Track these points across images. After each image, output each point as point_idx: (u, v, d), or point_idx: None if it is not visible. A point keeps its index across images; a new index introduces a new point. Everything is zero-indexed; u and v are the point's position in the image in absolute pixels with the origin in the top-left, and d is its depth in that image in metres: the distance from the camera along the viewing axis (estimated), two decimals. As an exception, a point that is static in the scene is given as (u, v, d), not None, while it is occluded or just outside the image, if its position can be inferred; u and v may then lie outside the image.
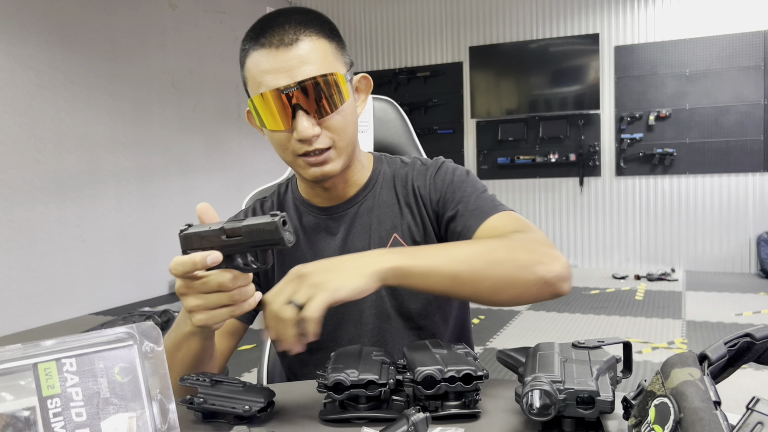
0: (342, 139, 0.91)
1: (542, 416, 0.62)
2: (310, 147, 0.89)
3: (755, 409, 0.47)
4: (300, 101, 0.86)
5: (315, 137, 0.88)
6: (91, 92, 4.75)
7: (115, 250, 4.95)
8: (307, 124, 0.86)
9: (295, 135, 0.88)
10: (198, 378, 0.75)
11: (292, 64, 0.85)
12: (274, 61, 0.86)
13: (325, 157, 0.90)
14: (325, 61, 0.87)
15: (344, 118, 0.90)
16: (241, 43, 0.93)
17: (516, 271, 0.80)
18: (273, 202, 1.06)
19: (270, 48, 0.86)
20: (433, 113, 6.51)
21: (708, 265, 5.69)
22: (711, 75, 5.51)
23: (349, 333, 0.99)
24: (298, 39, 0.86)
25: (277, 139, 0.91)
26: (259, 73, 0.87)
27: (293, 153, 0.91)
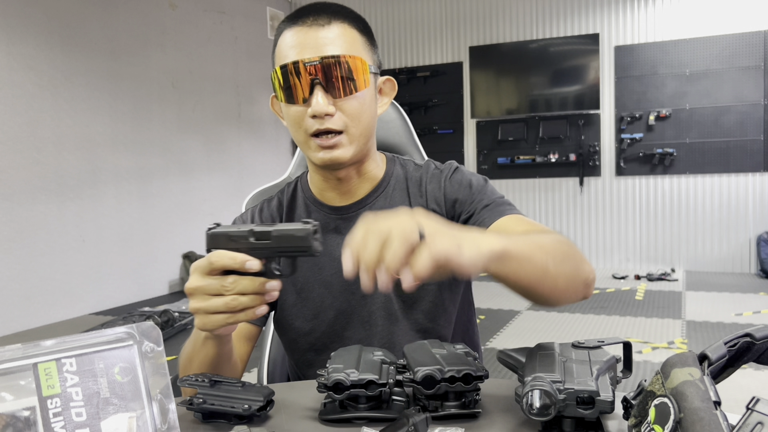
0: (355, 126, 0.90)
1: (542, 416, 0.62)
2: (322, 126, 0.88)
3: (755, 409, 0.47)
4: (319, 76, 0.87)
5: (328, 116, 0.88)
6: (91, 92, 4.75)
7: (115, 250, 4.95)
8: (322, 100, 0.87)
9: (309, 110, 0.88)
10: (198, 378, 0.75)
11: (320, 42, 0.88)
12: (303, 37, 0.89)
13: (336, 141, 0.90)
14: (351, 47, 0.89)
15: (361, 106, 0.90)
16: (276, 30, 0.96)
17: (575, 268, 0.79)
18: (281, 201, 1.05)
19: (302, 26, 0.89)
20: (433, 113, 6.51)
21: (708, 265, 5.69)
22: (711, 75, 5.51)
23: (358, 334, 0.99)
24: (331, 23, 0.89)
25: (293, 114, 0.91)
26: (286, 47, 0.90)
27: (306, 132, 0.90)
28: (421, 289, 0.98)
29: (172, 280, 5.54)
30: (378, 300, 0.98)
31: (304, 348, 1.01)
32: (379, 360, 0.77)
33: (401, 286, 0.94)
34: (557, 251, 0.77)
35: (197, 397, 0.72)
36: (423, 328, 0.99)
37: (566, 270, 0.78)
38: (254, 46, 6.53)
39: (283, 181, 1.24)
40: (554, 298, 0.79)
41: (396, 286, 0.98)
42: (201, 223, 5.84)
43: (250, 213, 1.05)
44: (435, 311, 0.99)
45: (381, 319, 0.98)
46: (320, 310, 0.99)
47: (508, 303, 4.59)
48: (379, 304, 0.98)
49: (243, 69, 6.37)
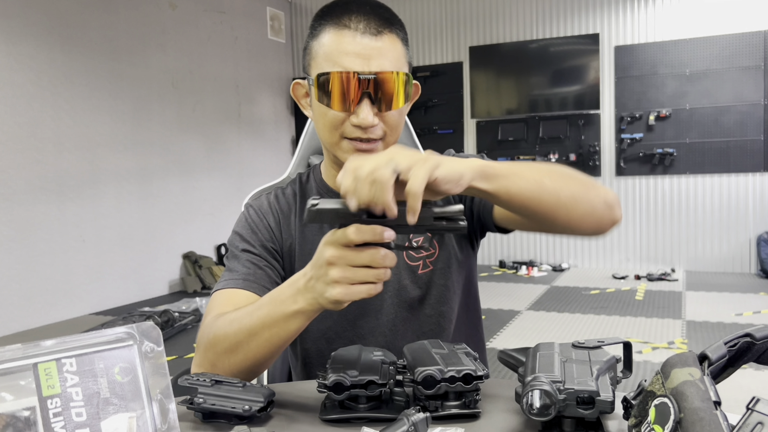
0: (392, 136, 0.94)
1: (542, 416, 0.62)
2: (364, 135, 0.90)
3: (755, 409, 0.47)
4: (370, 89, 0.88)
5: (372, 127, 0.90)
6: (91, 92, 4.75)
7: (115, 250, 4.95)
8: (369, 112, 0.88)
9: (354, 119, 0.89)
10: (198, 378, 0.75)
11: (371, 53, 0.88)
12: (356, 45, 0.88)
13: (373, 146, 0.92)
14: (399, 60, 0.91)
15: (400, 117, 0.94)
16: (314, 18, 0.94)
17: (583, 187, 0.83)
18: (294, 190, 1.06)
19: (355, 31, 0.88)
20: (433, 113, 6.51)
21: (708, 265, 5.69)
22: (711, 75, 5.51)
23: (370, 323, 1.00)
24: (382, 32, 0.89)
25: (331, 118, 0.91)
26: (335, 51, 0.89)
27: (342, 135, 0.92)
28: (433, 274, 1.01)
29: (172, 280, 5.54)
30: (391, 287, 1.00)
31: (316, 336, 1.01)
32: (379, 360, 0.77)
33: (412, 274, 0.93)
34: (556, 170, 0.82)
35: (197, 397, 0.72)
36: (436, 312, 1.01)
37: (569, 186, 0.81)
38: (254, 46, 6.53)
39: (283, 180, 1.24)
40: (565, 217, 0.81)
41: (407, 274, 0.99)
42: (201, 223, 5.84)
43: (265, 199, 1.05)
44: (446, 294, 1.02)
45: (394, 307, 1.00)
46: None
47: (508, 303, 4.59)
48: (392, 292, 1.00)
49: (243, 69, 6.37)
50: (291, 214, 1.04)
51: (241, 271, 0.95)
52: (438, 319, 1.01)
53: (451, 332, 1.04)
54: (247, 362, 0.82)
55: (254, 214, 1.03)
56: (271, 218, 1.03)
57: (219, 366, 0.84)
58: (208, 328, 0.86)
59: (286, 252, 1.02)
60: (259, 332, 0.80)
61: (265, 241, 1.00)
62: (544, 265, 6.06)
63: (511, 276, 5.80)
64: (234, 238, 1.01)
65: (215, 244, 6.01)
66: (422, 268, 1.01)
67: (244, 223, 1.02)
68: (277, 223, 1.03)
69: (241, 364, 0.82)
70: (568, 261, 6.16)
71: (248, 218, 1.02)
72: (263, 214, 1.03)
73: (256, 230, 1.01)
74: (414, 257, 1.01)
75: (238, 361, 0.82)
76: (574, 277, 5.59)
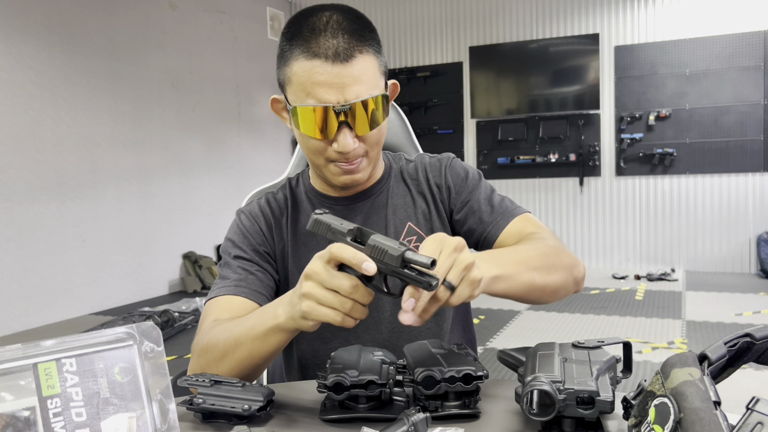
0: (374, 150, 0.95)
1: (542, 416, 0.62)
2: (347, 160, 0.92)
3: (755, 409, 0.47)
4: (347, 119, 0.88)
5: (354, 150, 0.91)
6: (91, 92, 4.75)
7: (115, 250, 4.95)
8: (350, 140, 0.89)
9: (335, 147, 0.90)
10: (198, 378, 0.75)
11: (345, 82, 0.86)
12: (327, 75, 0.86)
13: (356, 166, 0.94)
14: (374, 80, 0.90)
15: (380, 132, 0.95)
16: (282, 38, 0.92)
17: (564, 275, 0.90)
18: (285, 195, 1.07)
19: (324, 60, 0.86)
20: (433, 113, 6.51)
21: (708, 265, 5.69)
22: (711, 75, 5.51)
23: (365, 322, 1.00)
24: (353, 56, 0.87)
25: (315, 145, 0.92)
26: (309, 83, 0.87)
27: (327, 159, 0.93)
28: None
29: (172, 280, 5.54)
30: None
31: (311, 336, 1.01)
32: (379, 360, 0.77)
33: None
34: (544, 265, 0.87)
35: (197, 397, 0.72)
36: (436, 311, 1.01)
37: (553, 279, 0.88)
38: (254, 46, 6.53)
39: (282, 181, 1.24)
40: (544, 301, 0.91)
41: None
42: (201, 223, 5.84)
43: (257, 204, 1.06)
44: None
45: (389, 305, 1.01)
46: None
47: (508, 303, 4.59)
48: None
49: (243, 69, 6.37)
50: (282, 218, 1.05)
51: (232, 278, 0.96)
52: (435, 317, 1.02)
53: (447, 331, 1.04)
54: (234, 371, 0.83)
55: (246, 220, 1.03)
56: (262, 222, 1.03)
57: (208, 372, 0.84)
58: (204, 335, 0.88)
59: (279, 255, 1.03)
60: (243, 343, 0.81)
61: (257, 245, 1.01)
62: (544, 265, 6.05)
63: (511, 276, 5.79)
64: (226, 245, 1.02)
65: (215, 244, 6.01)
66: None
67: (236, 229, 1.03)
68: (269, 227, 1.03)
69: (230, 373, 0.83)
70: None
71: (240, 224, 1.03)
72: (254, 218, 1.04)
73: (248, 235, 1.01)
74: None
75: (226, 370, 0.83)
76: (574, 277, 5.58)
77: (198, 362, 0.86)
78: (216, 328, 0.87)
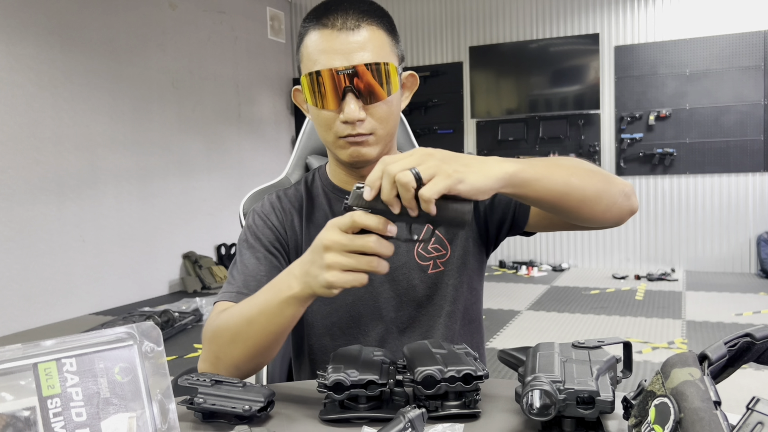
0: (383, 128, 0.93)
1: (542, 416, 0.62)
2: (353, 130, 0.91)
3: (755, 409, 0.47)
4: (351, 84, 0.88)
5: (360, 121, 0.90)
6: (91, 92, 4.75)
7: (115, 250, 4.95)
8: (354, 107, 0.88)
9: (341, 116, 0.90)
10: (198, 378, 0.75)
11: (351, 48, 0.88)
12: (333, 42, 0.88)
13: (365, 139, 0.92)
14: (381, 51, 0.90)
15: (390, 108, 0.93)
16: (301, 23, 0.95)
17: (605, 182, 0.84)
18: (299, 191, 1.07)
19: (332, 29, 0.88)
20: (433, 113, 6.51)
21: (708, 265, 5.69)
22: (711, 75, 5.51)
23: (374, 320, 1.00)
24: (360, 26, 0.89)
25: (324, 118, 0.92)
26: (316, 51, 0.89)
27: (336, 134, 0.92)
28: (443, 274, 1.01)
29: (172, 280, 5.54)
30: (400, 286, 1.00)
31: (320, 332, 1.01)
32: (379, 360, 0.77)
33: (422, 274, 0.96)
34: (579, 167, 0.83)
35: (198, 396, 0.72)
36: (444, 312, 1.01)
37: (593, 182, 0.82)
38: (254, 46, 6.53)
39: (281, 181, 1.24)
40: (589, 212, 0.83)
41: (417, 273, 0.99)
42: (201, 223, 5.84)
43: (267, 201, 1.06)
44: (455, 295, 1.02)
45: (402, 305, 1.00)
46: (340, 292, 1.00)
47: (508, 303, 4.59)
48: (400, 290, 1.00)
49: (243, 69, 6.37)
50: (294, 214, 1.04)
51: (237, 283, 0.96)
52: (446, 319, 1.01)
53: (457, 332, 1.04)
54: (248, 352, 0.83)
55: (257, 218, 1.03)
56: (273, 217, 1.03)
57: (222, 358, 0.85)
58: (212, 322, 0.88)
59: (292, 249, 1.03)
60: (256, 319, 0.81)
61: (269, 243, 1.00)
62: (544, 265, 6.06)
63: (511, 276, 5.80)
64: (240, 246, 1.02)
65: (215, 244, 6.01)
66: (432, 268, 1.01)
67: (247, 231, 1.02)
68: (281, 221, 1.03)
69: (242, 354, 0.83)
70: (568, 261, 6.16)
71: (251, 225, 1.03)
72: (265, 214, 1.03)
73: (260, 235, 1.01)
74: (425, 257, 1.01)
75: (239, 352, 0.83)
76: (574, 277, 5.59)
77: (210, 348, 0.86)
78: (224, 314, 0.87)
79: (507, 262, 6.21)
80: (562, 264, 6.05)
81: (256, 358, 0.84)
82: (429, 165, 0.68)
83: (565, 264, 6.06)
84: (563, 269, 5.98)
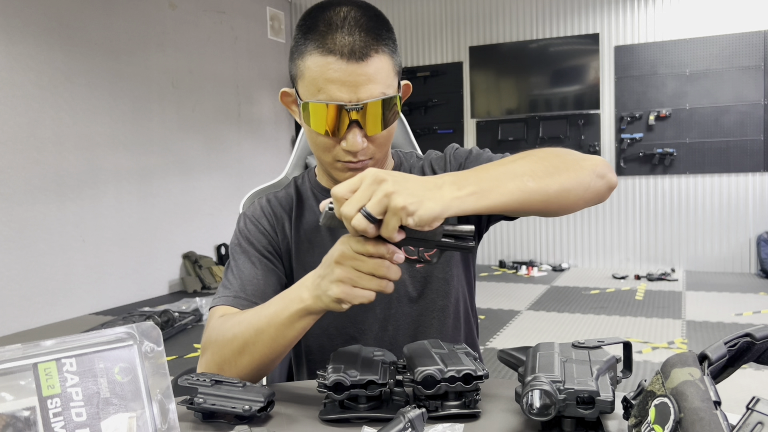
0: (381, 151, 0.94)
1: (542, 416, 0.62)
2: (355, 159, 0.91)
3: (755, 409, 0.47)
4: (358, 118, 0.87)
5: (362, 150, 0.90)
6: (91, 92, 4.75)
7: (115, 250, 4.95)
8: (360, 139, 0.88)
9: (344, 145, 0.89)
10: (198, 378, 0.75)
11: (359, 81, 0.85)
12: (341, 72, 0.84)
13: (364, 165, 0.92)
14: (388, 79, 0.88)
15: (389, 133, 0.93)
16: (297, 30, 0.90)
17: (571, 171, 0.81)
18: (289, 193, 1.07)
19: (339, 57, 0.84)
20: (433, 113, 6.51)
21: (708, 265, 5.69)
22: (711, 75, 5.51)
23: (369, 319, 1.01)
24: (369, 55, 0.85)
25: (322, 142, 0.91)
26: (322, 79, 0.86)
27: (334, 158, 0.92)
28: (432, 268, 1.02)
29: (172, 280, 5.54)
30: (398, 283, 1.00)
31: (317, 332, 1.01)
32: (379, 360, 0.77)
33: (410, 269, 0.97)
34: (537, 167, 0.79)
35: (198, 396, 0.72)
36: (436, 306, 1.02)
37: (555, 180, 0.79)
38: (254, 46, 6.53)
39: (281, 181, 1.24)
40: (558, 207, 0.81)
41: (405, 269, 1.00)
42: (201, 223, 5.84)
43: (258, 205, 1.05)
44: (445, 288, 1.02)
45: (394, 302, 1.01)
46: None
47: (508, 303, 4.59)
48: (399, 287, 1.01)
49: (243, 69, 6.37)
50: (285, 217, 1.04)
51: (234, 287, 0.96)
52: (438, 313, 1.02)
53: (450, 326, 1.04)
54: (254, 363, 0.83)
55: (249, 223, 1.03)
56: (265, 221, 1.03)
57: (226, 368, 0.84)
58: (214, 331, 0.87)
59: (284, 252, 1.03)
60: (266, 330, 0.81)
61: (262, 247, 1.00)
62: (544, 265, 6.06)
63: (511, 276, 5.80)
64: (233, 250, 1.01)
65: (215, 244, 6.01)
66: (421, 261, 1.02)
67: (239, 235, 1.02)
68: (272, 225, 1.03)
69: (249, 365, 0.83)
70: (568, 261, 6.16)
71: (243, 230, 1.02)
72: (257, 219, 1.03)
73: (253, 240, 1.01)
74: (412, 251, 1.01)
75: (245, 362, 0.83)
76: (574, 277, 5.59)
77: (212, 356, 0.85)
78: (228, 322, 0.86)
79: (507, 262, 6.21)
80: (562, 264, 6.05)
81: (261, 369, 0.84)
82: (376, 200, 0.67)
83: (565, 264, 6.06)
84: (563, 269, 5.98)
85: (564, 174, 0.80)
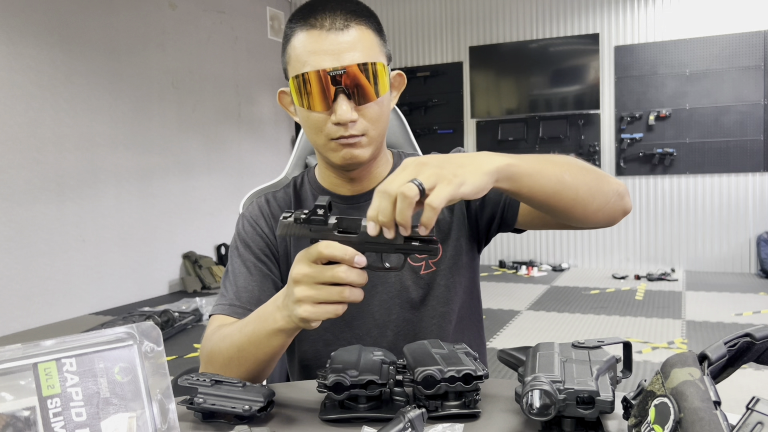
0: (375, 129, 0.92)
1: (542, 416, 0.62)
2: (345, 132, 0.89)
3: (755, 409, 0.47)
4: (343, 85, 0.87)
5: (352, 122, 0.89)
6: (91, 92, 4.75)
7: (115, 250, 4.95)
8: (346, 107, 0.87)
9: (333, 118, 0.88)
10: (198, 378, 0.75)
11: (340, 48, 0.87)
12: (322, 42, 0.87)
13: (357, 140, 0.91)
14: (371, 51, 0.89)
15: (381, 109, 0.92)
16: (285, 27, 0.94)
17: (598, 181, 0.83)
18: (288, 193, 1.06)
19: (321, 30, 0.87)
20: (433, 113, 6.51)
21: (708, 265, 5.69)
22: (711, 75, 5.51)
23: (368, 324, 1.00)
24: (349, 25, 0.88)
25: (314, 120, 0.91)
26: (305, 52, 0.88)
27: (327, 136, 0.91)
28: (435, 275, 1.01)
29: (172, 280, 5.54)
30: (393, 288, 0.99)
31: (314, 338, 1.01)
32: (379, 360, 0.77)
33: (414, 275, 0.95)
34: (573, 164, 0.82)
35: (197, 396, 0.72)
36: (437, 313, 1.01)
37: (586, 181, 0.81)
38: (254, 46, 6.53)
39: (280, 181, 1.24)
40: (582, 211, 0.82)
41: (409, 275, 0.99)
42: (201, 223, 5.84)
43: (256, 205, 1.05)
44: (448, 295, 1.01)
45: (395, 307, 1.00)
46: None
47: (508, 303, 4.59)
48: (394, 292, 1.00)
49: (243, 69, 6.37)
50: None
51: (229, 295, 0.97)
52: (439, 320, 1.01)
53: (451, 333, 1.03)
54: (242, 374, 0.85)
55: (247, 225, 1.03)
56: (263, 222, 1.03)
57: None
58: (209, 342, 0.90)
59: (282, 255, 1.02)
60: (246, 348, 0.83)
61: (259, 251, 1.00)
62: (544, 265, 6.06)
63: (511, 276, 5.80)
64: (231, 254, 1.02)
65: (215, 244, 6.01)
66: (425, 268, 1.00)
67: (237, 239, 1.02)
68: (270, 227, 1.03)
69: (238, 376, 0.85)
70: (568, 261, 6.16)
71: (240, 232, 1.03)
72: (254, 220, 1.03)
73: (250, 243, 1.01)
74: (417, 258, 1.00)
75: (233, 374, 0.85)
76: (574, 277, 5.59)
77: (206, 368, 0.89)
78: (216, 336, 0.89)
79: (507, 262, 6.21)
80: (562, 264, 6.05)
81: (250, 378, 0.86)
82: (428, 174, 0.66)
83: (565, 264, 6.06)
84: (563, 269, 5.98)
85: (595, 181, 0.83)
